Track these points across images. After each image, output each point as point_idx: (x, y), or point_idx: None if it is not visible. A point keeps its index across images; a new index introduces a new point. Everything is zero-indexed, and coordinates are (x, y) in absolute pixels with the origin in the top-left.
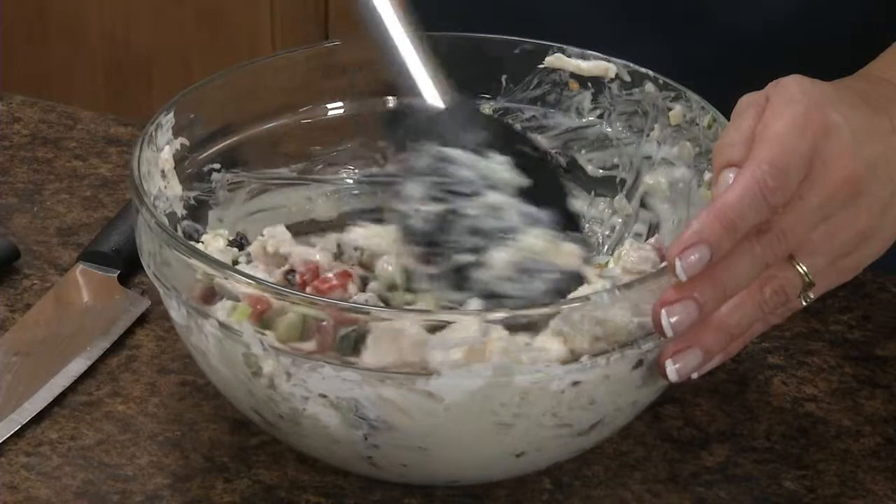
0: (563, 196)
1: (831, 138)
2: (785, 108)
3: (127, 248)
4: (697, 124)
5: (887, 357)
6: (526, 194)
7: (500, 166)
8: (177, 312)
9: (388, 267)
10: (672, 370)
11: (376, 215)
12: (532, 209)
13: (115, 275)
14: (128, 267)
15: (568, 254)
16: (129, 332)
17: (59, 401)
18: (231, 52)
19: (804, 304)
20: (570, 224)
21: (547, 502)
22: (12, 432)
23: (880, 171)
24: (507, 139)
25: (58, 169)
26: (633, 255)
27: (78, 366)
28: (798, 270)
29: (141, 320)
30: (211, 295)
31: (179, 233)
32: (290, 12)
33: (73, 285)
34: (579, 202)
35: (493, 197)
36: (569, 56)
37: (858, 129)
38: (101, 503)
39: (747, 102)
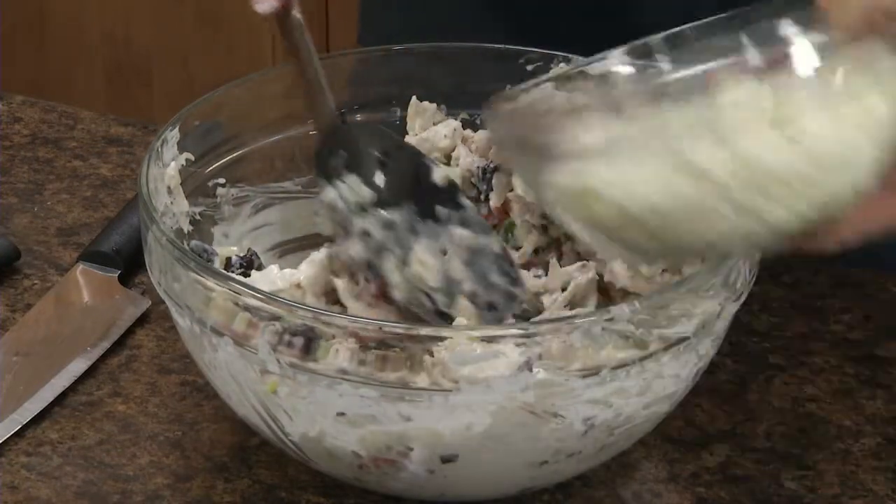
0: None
1: None
2: None
3: (127, 248)
4: None
5: (888, 357)
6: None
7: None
8: (188, 329)
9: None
10: None
11: None
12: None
13: (116, 275)
14: (128, 267)
15: None
16: (130, 332)
17: (59, 401)
18: (231, 52)
19: None
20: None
21: (548, 502)
22: (13, 432)
23: None
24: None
25: (58, 169)
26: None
27: (78, 366)
28: None
29: (141, 320)
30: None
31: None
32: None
33: (74, 285)
34: None
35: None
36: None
37: None
38: (102, 503)
39: None
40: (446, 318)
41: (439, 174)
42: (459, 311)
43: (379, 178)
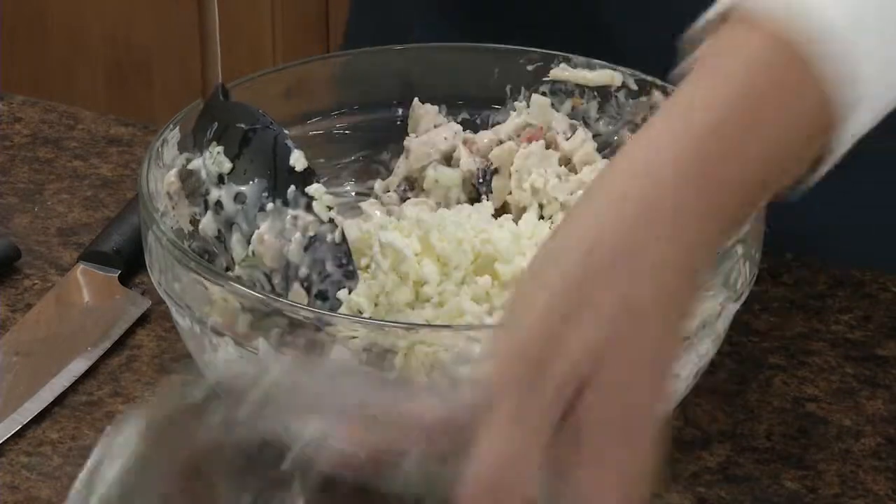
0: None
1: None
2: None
3: (128, 248)
4: None
5: (888, 357)
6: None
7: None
8: (188, 330)
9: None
10: None
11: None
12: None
13: (116, 275)
14: (129, 267)
15: None
16: (130, 331)
17: (59, 401)
18: (231, 53)
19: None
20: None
21: None
22: (13, 432)
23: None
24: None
25: (58, 169)
26: None
27: (79, 366)
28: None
29: (142, 320)
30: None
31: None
32: (290, 12)
33: (74, 285)
34: None
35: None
36: (574, 66)
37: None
38: None
39: None
40: None
41: (297, 158)
42: (291, 298)
43: (238, 152)
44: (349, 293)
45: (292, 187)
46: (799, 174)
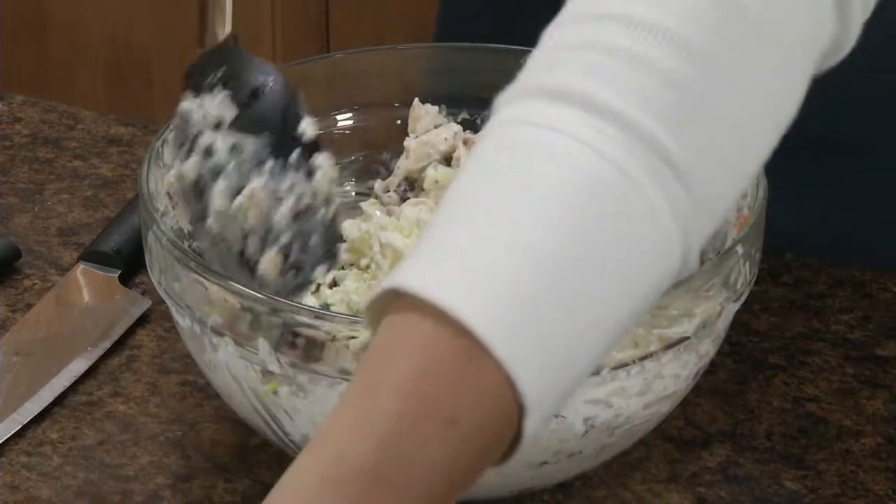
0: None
1: None
2: None
3: (128, 248)
4: None
5: (888, 357)
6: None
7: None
8: (189, 330)
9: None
10: None
11: None
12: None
13: (116, 275)
14: (128, 267)
15: None
16: (130, 331)
17: (59, 401)
18: None
19: None
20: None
21: (547, 502)
22: (13, 432)
23: None
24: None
25: (58, 169)
26: None
27: (79, 366)
28: None
29: (142, 320)
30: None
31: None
32: (291, 11)
33: (74, 285)
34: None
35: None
36: None
37: None
38: (102, 503)
39: None
40: (246, 265)
41: (307, 125)
42: (264, 262)
43: (248, 102)
44: (326, 272)
45: (296, 152)
46: (489, 463)
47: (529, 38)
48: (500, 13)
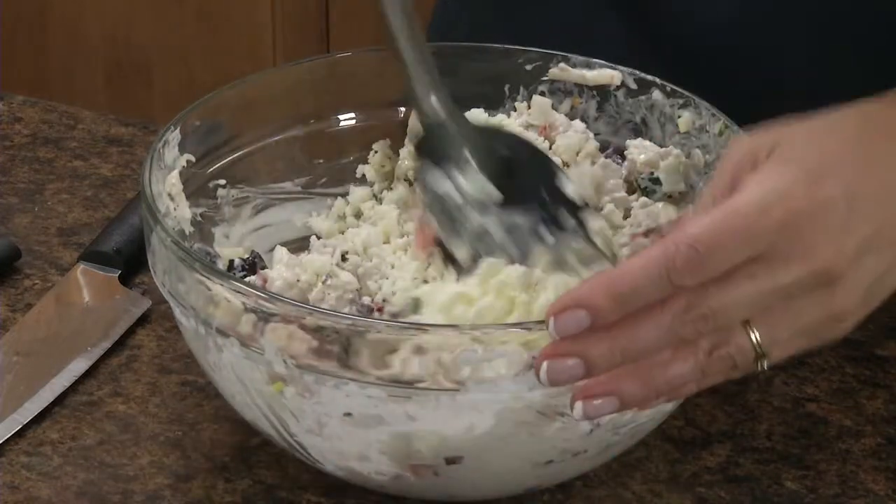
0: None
1: (814, 221)
2: (770, 173)
3: (128, 247)
4: (707, 131)
5: (888, 357)
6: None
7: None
8: (193, 331)
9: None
10: (579, 409)
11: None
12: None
13: (116, 275)
14: (129, 267)
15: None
16: (130, 331)
17: (59, 401)
18: (231, 53)
19: (760, 369)
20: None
21: (548, 502)
22: (13, 432)
23: (879, 241)
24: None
25: (59, 169)
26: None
27: (79, 366)
28: (752, 340)
29: (142, 320)
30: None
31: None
32: (291, 11)
33: (74, 285)
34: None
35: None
36: (573, 66)
37: (866, 196)
38: (102, 503)
39: (747, 149)
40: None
41: (569, 186)
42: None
43: (506, 178)
44: None
45: (568, 218)
46: None
47: (528, 37)
48: (499, 11)
